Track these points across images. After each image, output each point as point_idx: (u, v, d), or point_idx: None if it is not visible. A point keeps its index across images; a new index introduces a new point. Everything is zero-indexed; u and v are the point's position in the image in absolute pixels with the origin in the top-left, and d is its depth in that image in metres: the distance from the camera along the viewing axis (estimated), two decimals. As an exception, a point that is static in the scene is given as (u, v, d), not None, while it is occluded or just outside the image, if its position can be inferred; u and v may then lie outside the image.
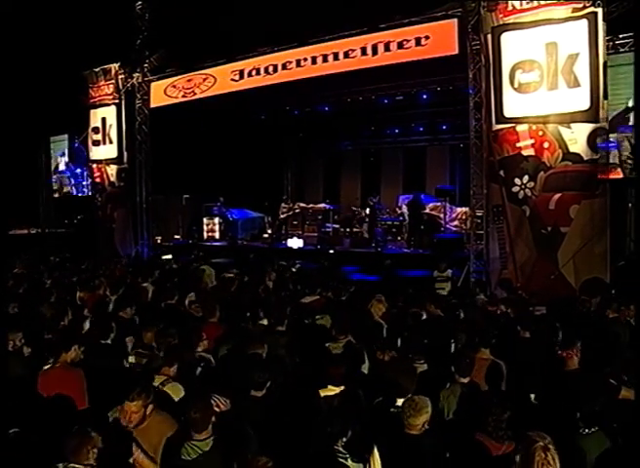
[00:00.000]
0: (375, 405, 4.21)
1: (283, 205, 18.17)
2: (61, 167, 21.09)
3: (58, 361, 4.70)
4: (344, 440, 3.32)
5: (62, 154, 20.98)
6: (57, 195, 21.21)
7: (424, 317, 6.54)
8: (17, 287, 8.92)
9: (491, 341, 4.99)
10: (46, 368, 4.74)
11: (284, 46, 13.22)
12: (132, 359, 5.07)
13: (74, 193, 20.71)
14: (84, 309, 7.17)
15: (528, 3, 9.60)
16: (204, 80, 14.94)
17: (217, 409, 3.69)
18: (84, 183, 20.11)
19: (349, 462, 3.29)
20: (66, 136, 20.50)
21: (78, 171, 20.40)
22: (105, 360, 4.88)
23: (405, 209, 16.23)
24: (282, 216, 17.92)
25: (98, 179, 17.55)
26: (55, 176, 21.27)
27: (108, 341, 5.33)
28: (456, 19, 10.81)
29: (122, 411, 3.79)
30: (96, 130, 17.13)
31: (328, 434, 3.31)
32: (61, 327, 6.09)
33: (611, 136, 9.75)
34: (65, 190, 20.99)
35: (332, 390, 4.21)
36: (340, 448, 3.32)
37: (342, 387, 4.20)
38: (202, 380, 4.59)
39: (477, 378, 4.53)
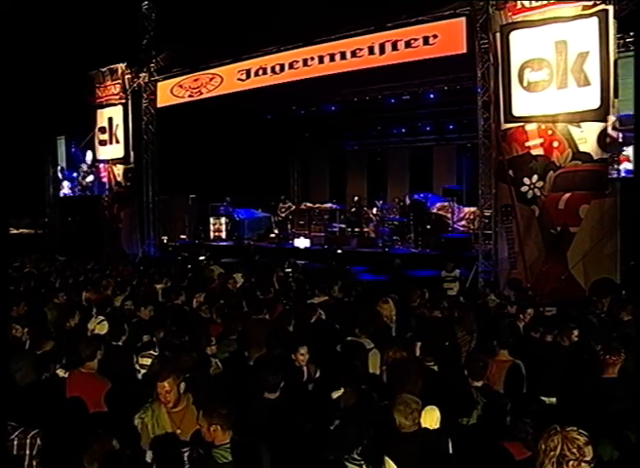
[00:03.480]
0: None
1: (281, 205, 18.13)
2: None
3: (85, 367, 4.65)
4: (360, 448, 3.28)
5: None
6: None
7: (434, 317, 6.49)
8: (26, 286, 8.92)
9: (509, 342, 4.94)
10: (74, 371, 4.69)
11: (291, 45, 13.19)
12: (142, 360, 5.03)
13: (70, 195, 20.72)
14: (91, 310, 7.15)
15: (537, 1, 9.54)
16: (210, 80, 14.94)
17: None
18: (79, 187, 20.15)
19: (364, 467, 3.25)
20: (63, 137, 20.51)
21: (74, 174, 20.45)
22: (118, 362, 4.84)
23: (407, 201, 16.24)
24: (282, 216, 17.90)
25: (104, 179, 17.57)
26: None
27: (120, 343, 5.30)
28: (464, 18, 10.77)
29: (158, 391, 3.95)
30: (102, 129, 17.16)
31: (344, 443, 3.26)
32: (69, 328, 6.03)
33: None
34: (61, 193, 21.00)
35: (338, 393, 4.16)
36: (356, 456, 3.27)
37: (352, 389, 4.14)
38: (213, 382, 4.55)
39: (496, 381, 4.49)
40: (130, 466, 3.42)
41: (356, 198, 17.68)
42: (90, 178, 19.21)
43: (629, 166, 10.54)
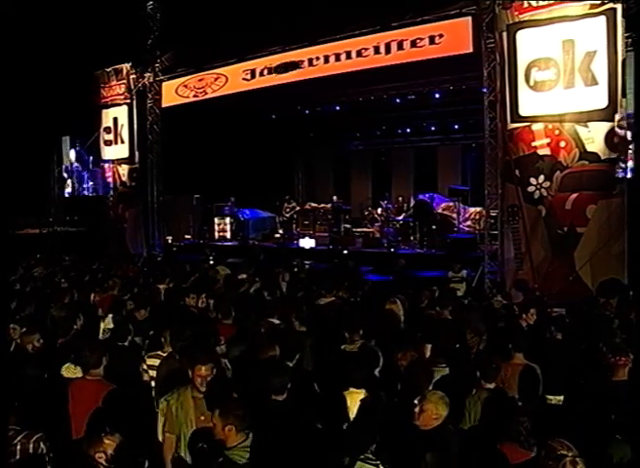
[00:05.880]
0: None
1: (286, 205, 18.15)
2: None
3: (91, 374, 4.57)
4: (373, 447, 3.27)
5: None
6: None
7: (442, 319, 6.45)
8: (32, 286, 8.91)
9: (524, 345, 4.92)
10: (76, 378, 4.65)
11: (295, 45, 13.15)
12: (150, 361, 5.01)
13: (76, 194, 20.72)
14: (98, 311, 7.15)
15: (544, 0, 9.49)
16: (215, 80, 14.92)
17: None
18: (84, 186, 20.17)
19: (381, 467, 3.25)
20: (68, 138, 20.49)
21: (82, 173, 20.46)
22: (124, 363, 4.82)
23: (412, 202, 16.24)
24: (286, 216, 17.90)
25: (109, 179, 17.57)
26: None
27: (125, 344, 5.28)
28: (470, 18, 10.72)
29: (196, 375, 4.01)
30: (107, 130, 17.16)
31: (356, 442, 3.25)
32: (76, 331, 5.99)
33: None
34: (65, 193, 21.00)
35: (353, 393, 4.15)
36: (370, 455, 3.26)
37: (364, 390, 4.14)
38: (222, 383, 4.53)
39: (511, 385, 4.46)
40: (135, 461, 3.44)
41: (335, 198, 17.69)
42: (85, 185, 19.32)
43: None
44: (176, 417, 4.00)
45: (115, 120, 16.92)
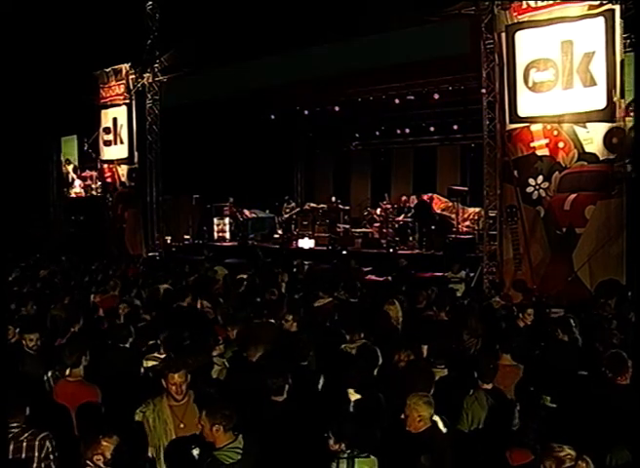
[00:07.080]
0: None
1: (285, 205, 18.17)
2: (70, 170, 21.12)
3: (71, 374, 4.58)
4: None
5: (68, 162, 21.02)
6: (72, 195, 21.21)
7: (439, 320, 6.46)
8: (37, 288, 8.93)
9: (512, 346, 4.92)
10: (61, 380, 4.65)
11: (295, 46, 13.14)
12: (147, 363, 5.03)
13: (82, 195, 20.72)
14: (98, 311, 7.16)
15: (543, 1, 9.50)
16: (214, 80, 14.90)
17: None
18: (92, 186, 20.15)
19: (372, 457, 3.31)
20: (75, 136, 20.49)
21: (86, 173, 20.45)
22: (123, 365, 4.82)
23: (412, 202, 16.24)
24: (286, 217, 17.92)
25: (108, 179, 17.58)
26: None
27: (127, 345, 5.29)
28: (469, 18, 10.71)
29: (169, 384, 3.92)
30: (107, 130, 17.16)
31: (353, 442, 3.27)
32: (72, 333, 5.99)
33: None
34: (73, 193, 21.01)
35: (352, 394, 4.16)
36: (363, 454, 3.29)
37: (363, 391, 4.16)
38: (220, 384, 4.54)
39: (501, 385, 4.46)
40: (133, 461, 3.45)
41: (333, 198, 17.70)
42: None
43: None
44: (154, 428, 3.88)
45: (115, 120, 16.93)
